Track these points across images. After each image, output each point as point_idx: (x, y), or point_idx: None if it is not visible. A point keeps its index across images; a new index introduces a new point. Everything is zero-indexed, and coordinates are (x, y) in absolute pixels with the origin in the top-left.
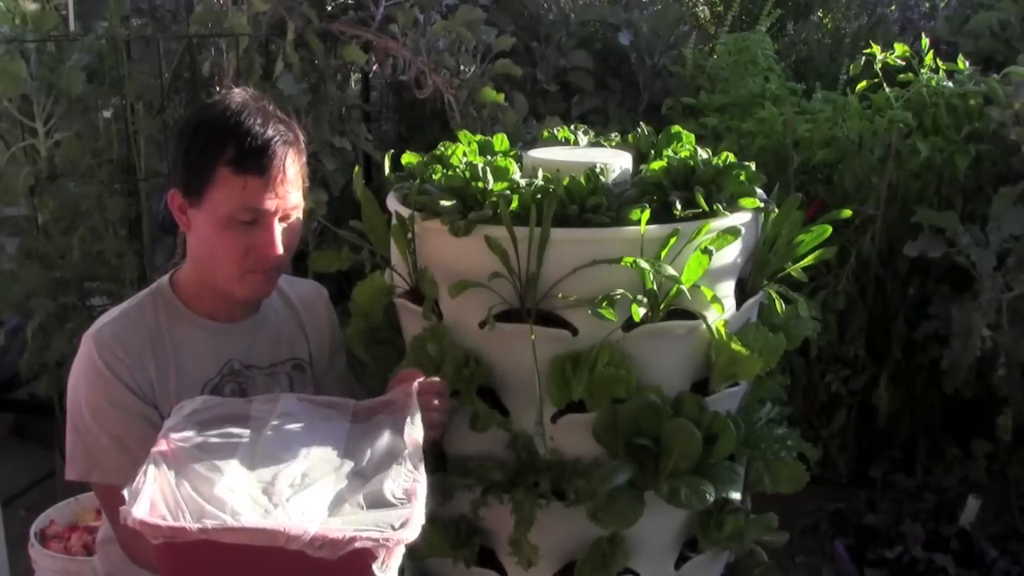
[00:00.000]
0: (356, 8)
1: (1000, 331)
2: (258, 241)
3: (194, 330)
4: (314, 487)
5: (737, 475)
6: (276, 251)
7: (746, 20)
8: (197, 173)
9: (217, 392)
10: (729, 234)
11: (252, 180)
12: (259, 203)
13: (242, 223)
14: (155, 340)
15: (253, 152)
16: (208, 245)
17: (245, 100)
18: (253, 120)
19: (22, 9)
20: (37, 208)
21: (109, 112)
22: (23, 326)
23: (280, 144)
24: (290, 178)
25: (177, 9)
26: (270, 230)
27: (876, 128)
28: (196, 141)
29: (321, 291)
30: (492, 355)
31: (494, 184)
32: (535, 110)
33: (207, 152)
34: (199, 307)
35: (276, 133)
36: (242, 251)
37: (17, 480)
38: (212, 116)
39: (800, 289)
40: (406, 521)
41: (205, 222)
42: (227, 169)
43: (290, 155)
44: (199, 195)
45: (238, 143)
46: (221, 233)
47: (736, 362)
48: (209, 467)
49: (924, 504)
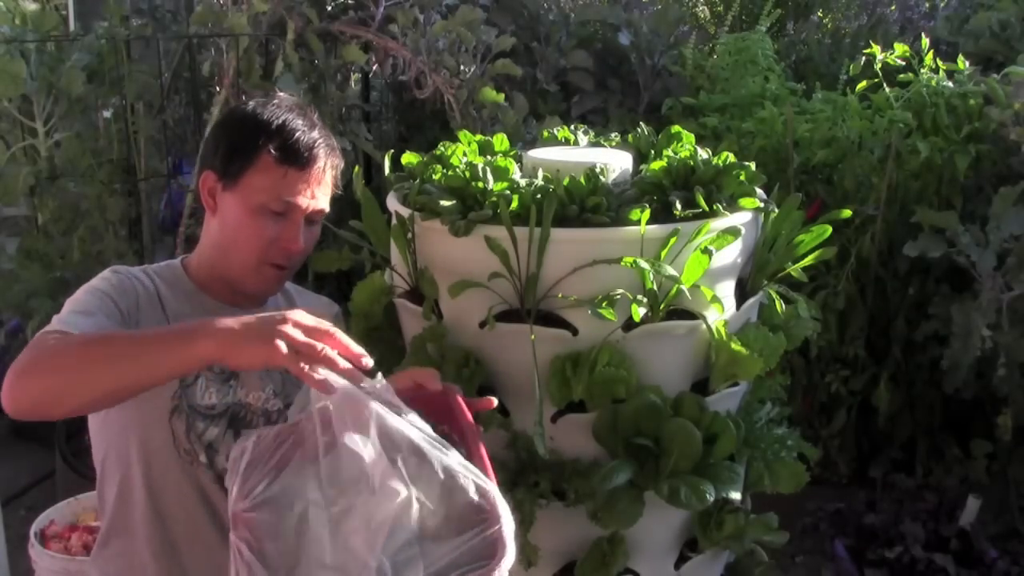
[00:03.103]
0: (356, 8)
1: (1000, 331)
2: (283, 234)
3: (193, 303)
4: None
5: (737, 475)
6: (298, 246)
7: (746, 20)
8: (239, 155)
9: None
10: (729, 234)
11: (292, 172)
12: (293, 196)
13: (272, 213)
14: (151, 301)
15: (299, 146)
16: (233, 229)
17: (294, 103)
18: (303, 121)
19: (22, 9)
20: (37, 208)
21: (109, 112)
22: (23, 326)
23: (324, 147)
24: (325, 181)
25: (177, 9)
26: (296, 225)
27: (876, 128)
28: (242, 127)
29: (332, 306)
30: (492, 355)
31: (494, 184)
32: (535, 110)
33: (255, 137)
34: (207, 288)
35: (321, 137)
36: (266, 241)
37: (17, 480)
38: (262, 109)
39: (800, 289)
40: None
41: (235, 205)
42: (270, 156)
43: (330, 160)
44: (236, 178)
45: (287, 134)
46: (250, 219)
47: (736, 362)
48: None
49: (924, 504)
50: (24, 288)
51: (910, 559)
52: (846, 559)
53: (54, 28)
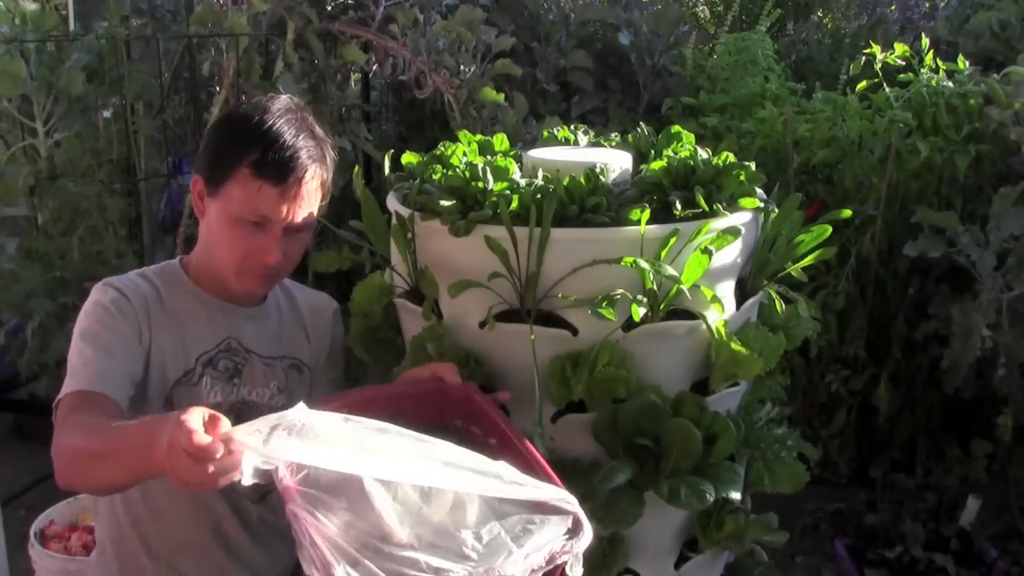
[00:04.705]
0: (356, 8)
1: (1000, 331)
2: (258, 245)
3: (194, 301)
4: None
5: (737, 475)
6: (272, 260)
7: (746, 20)
8: (220, 165)
9: (211, 367)
10: (729, 234)
11: (267, 187)
12: (268, 211)
13: (249, 224)
14: (153, 304)
15: (276, 161)
16: (216, 235)
17: (287, 107)
18: (287, 129)
19: (22, 9)
20: (37, 208)
21: (109, 112)
22: (23, 326)
23: (304, 159)
24: (306, 194)
25: (177, 9)
26: (273, 238)
27: (876, 128)
28: (228, 135)
29: (332, 303)
30: (492, 355)
31: (494, 184)
32: (535, 110)
33: (234, 148)
34: (205, 286)
35: (304, 147)
36: (242, 251)
37: (17, 480)
38: (248, 115)
39: (800, 289)
40: (576, 524)
41: (216, 213)
42: (248, 170)
43: (311, 171)
44: (217, 187)
45: (264, 148)
46: (227, 228)
47: (736, 362)
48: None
49: (924, 504)
50: (24, 288)
51: (910, 559)
52: (846, 559)
53: (54, 28)
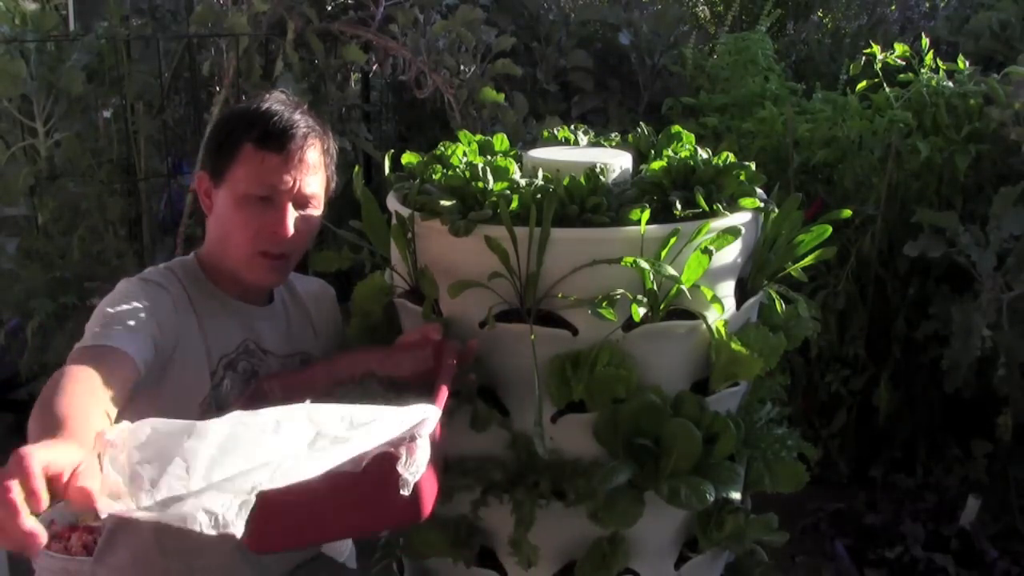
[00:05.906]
0: (356, 8)
1: (1000, 331)
2: (269, 220)
3: (216, 303)
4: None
5: (737, 475)
6: (286, 231)
7: (746, 20)
8: (223, 153)
9: (231, 369)
10: (729, 234)
11: (271, 157)
12: (275, 180)
13: (257, 200)
14: (180, 302)
15: (276, 132)
16: (225, 222)
17: (281, 97)
18: (282, 108)
19: (22, 9)
20: (37, 208)
21: (109, 112)
22: (23, 326)
23: (302, 128)
24: (309, 163)
25: (177, 9)
26: (282, 210)
27: (876, 128)
28: (227, 125)
29: (328, 288)
30: (492, 355)
31: (494, 184)
32: (535, 110)
33: (235, 134)
34: (221, 285)
35: (301, 119)
36: (254, 229)
37: None
38: (245, 106)
39: (800, 289)
40: (423, 421)
41: (224, 200)
42: (250, 146)
43: (311, 140)
44: (223, 174)
45: (264, 123)
46: (237, 210)
47: (736, 362)
48: None
49: (924, 504)
50: (24, 288)
51: (910, 559)
52: (846, 559)
53: (54, 28)
